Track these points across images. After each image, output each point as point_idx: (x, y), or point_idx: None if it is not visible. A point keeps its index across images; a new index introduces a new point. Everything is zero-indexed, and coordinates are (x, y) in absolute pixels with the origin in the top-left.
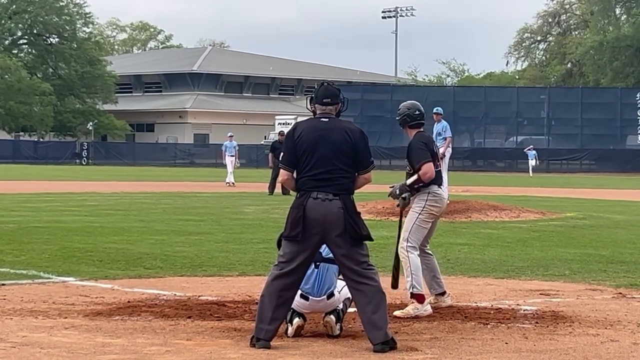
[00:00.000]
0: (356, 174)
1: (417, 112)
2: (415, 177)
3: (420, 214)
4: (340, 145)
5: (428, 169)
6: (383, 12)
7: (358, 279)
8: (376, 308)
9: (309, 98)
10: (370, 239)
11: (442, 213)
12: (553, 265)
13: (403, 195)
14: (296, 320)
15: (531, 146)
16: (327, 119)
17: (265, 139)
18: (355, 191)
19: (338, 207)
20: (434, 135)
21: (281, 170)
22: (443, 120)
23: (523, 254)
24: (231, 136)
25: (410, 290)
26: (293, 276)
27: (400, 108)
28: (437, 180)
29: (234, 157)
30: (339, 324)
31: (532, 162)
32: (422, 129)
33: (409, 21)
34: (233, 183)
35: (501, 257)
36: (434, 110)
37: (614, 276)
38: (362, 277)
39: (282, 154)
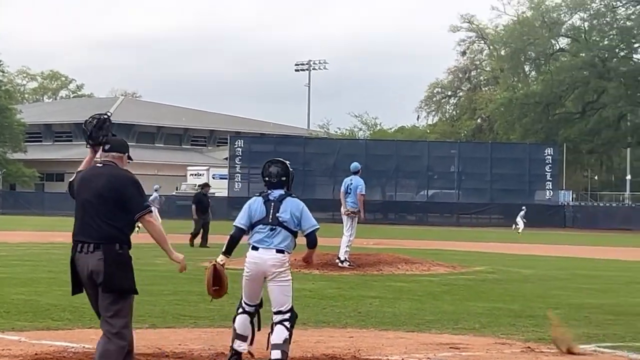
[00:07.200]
0: None
1: None
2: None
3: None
4: None
5: None
6: (296, 65)
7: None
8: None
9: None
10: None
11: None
12: (463, 318)
13: None
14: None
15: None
16: None
17: (177, 190)
18: None
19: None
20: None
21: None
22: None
23: (433, 308)
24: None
25: None
26: None
27: None
28: None
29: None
30: None
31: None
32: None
33: (322, 75)
34: None
35: (412, 310)
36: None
37: (523, 330)
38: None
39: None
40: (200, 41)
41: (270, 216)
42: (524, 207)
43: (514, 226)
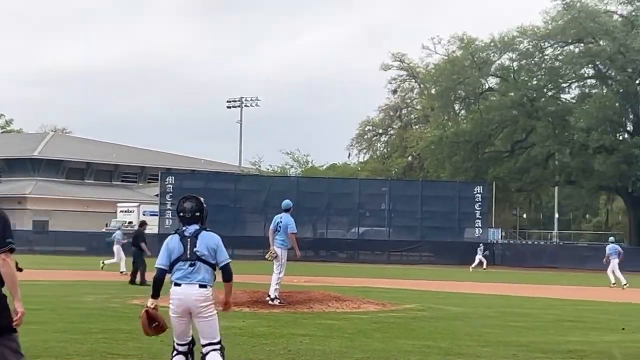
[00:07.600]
0: None
1: None
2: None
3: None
4: None
5: None
6: (228, 101)
7: None
8: None
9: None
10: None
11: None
12: (393, 356)
13: None
14: None
15: (481, 244)
16: None
17: (107, 226)
18: None
19: None
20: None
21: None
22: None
23: (364, 345)
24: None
25: None
26: None
27: None
28: None
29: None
30: None
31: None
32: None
33: (254, 111)
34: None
35: (342, 348)
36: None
37: None
38: None
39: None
40: (131, 77)
41: (189, 252)
42: (481, 244)
43: (474, 265)
